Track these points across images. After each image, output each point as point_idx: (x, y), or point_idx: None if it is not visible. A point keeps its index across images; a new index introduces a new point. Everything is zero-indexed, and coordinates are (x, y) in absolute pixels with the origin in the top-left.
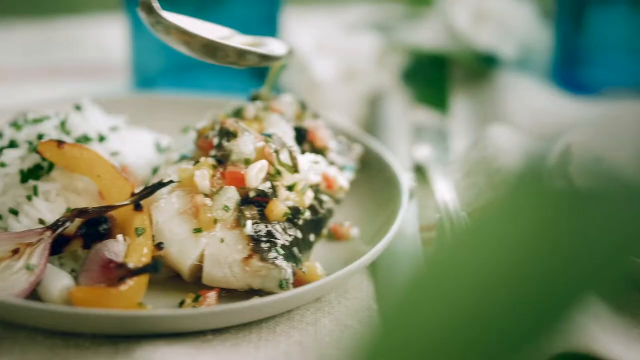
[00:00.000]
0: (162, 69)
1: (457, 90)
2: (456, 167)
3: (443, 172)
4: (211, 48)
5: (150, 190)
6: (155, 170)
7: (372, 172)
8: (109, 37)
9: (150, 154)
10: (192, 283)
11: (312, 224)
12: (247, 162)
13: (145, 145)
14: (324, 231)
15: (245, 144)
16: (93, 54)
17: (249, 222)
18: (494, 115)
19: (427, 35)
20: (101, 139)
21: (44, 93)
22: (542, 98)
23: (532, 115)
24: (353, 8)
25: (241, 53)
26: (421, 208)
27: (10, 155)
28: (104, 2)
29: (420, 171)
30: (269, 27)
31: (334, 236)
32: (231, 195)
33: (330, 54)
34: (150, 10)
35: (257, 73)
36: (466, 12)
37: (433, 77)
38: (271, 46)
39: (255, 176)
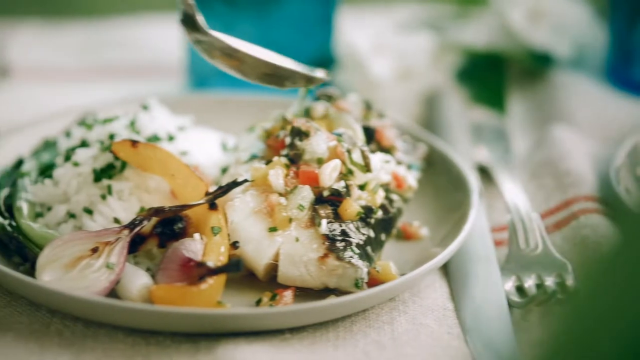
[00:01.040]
0: (216, 69)
1: (513, 90)
2: (521, 167)
3: (508, 172)
4: (270, 74)
5: (226, 189)
6: (224, 170)
7: (437, 171)
8: (164, 38)
9: (218, 154)
10: (266, 282)
11: (384, 223)
12: (320, 161)
13: (213, 145)
14: (394, 231)
15: (318, 143)
16: (148, 54)
17: (324, 221)
18: (552, 115)
19: (480, 34)
20: (170, 138)
21: (100, 93)
22: (600, 98)
23: (591, 115)
24: (404, 7)
25: (309, 78)
26: (489, 209)
27: (82, 154)
28: (158, 3)
29: (483, 171)
30: (326, 27)
31: (404, 235)
32: (306, 194)
33: (386, 53)
34: (192, 25)
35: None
36: (521, 11)
37: (488, 76)
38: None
39: (329, 175)
